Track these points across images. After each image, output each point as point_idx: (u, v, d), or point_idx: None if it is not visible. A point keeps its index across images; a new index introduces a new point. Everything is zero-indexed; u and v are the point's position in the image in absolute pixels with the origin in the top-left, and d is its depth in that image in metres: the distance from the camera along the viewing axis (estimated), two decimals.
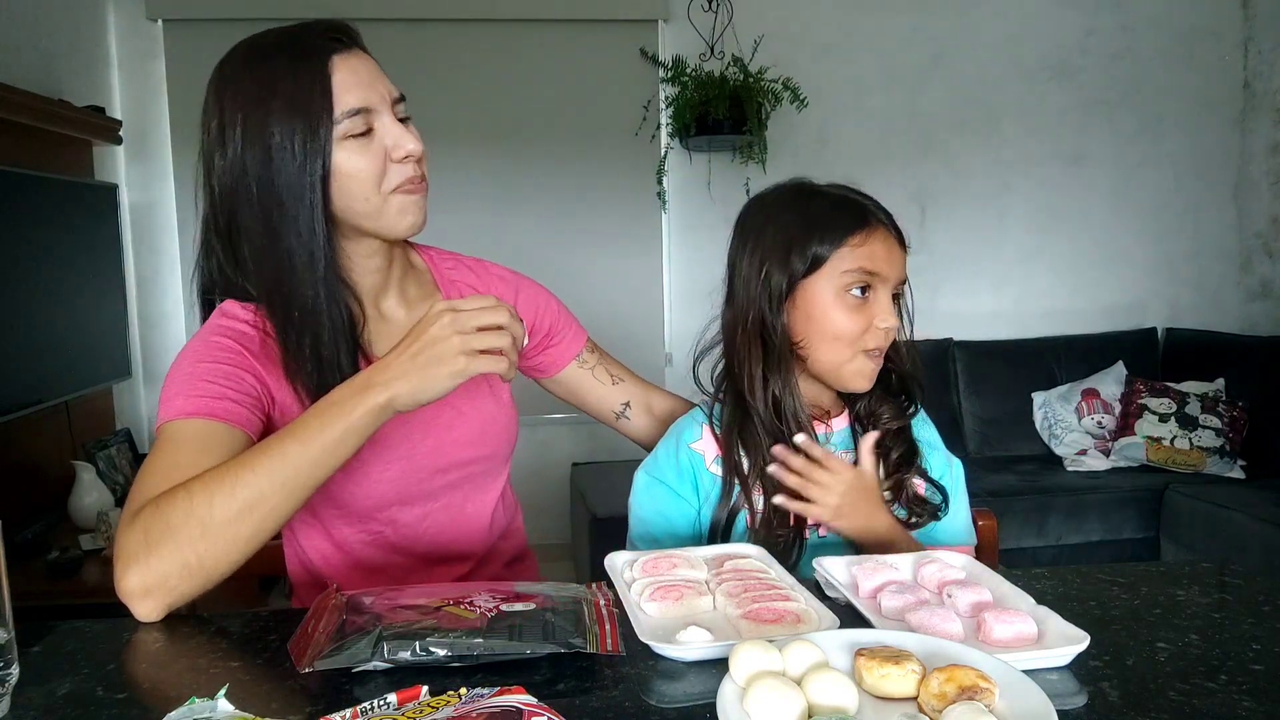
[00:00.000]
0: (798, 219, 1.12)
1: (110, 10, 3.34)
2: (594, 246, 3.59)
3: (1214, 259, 3.96)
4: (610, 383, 1.29)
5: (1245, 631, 0.81)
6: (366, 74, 0.99)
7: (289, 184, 0.95)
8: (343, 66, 0.97)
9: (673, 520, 1.16)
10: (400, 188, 1.00)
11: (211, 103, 0.99)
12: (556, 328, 1.25)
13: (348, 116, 0.96)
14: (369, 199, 0.99)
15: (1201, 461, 3.27)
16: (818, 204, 1.13)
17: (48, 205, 2.60)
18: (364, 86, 0.97)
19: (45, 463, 2.70)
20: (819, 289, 1.10)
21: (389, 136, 0.99)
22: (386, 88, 1.00)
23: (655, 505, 1.17)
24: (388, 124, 0.99)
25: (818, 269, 1.10)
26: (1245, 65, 3.90)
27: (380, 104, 0.98)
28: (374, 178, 0.98)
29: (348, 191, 0.98)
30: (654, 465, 1.19)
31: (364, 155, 0.98)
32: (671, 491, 1.16)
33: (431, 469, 1.11)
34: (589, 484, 3.15)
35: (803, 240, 1.10)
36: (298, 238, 0.97)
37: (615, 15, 3.58)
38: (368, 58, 1.01)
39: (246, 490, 0.84)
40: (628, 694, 0.70)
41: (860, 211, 1.12)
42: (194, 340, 1.02)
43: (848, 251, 1.09)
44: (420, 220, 1.04)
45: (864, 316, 1.10)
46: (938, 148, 3.80)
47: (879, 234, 1.10)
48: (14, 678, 0.71)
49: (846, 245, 1.10)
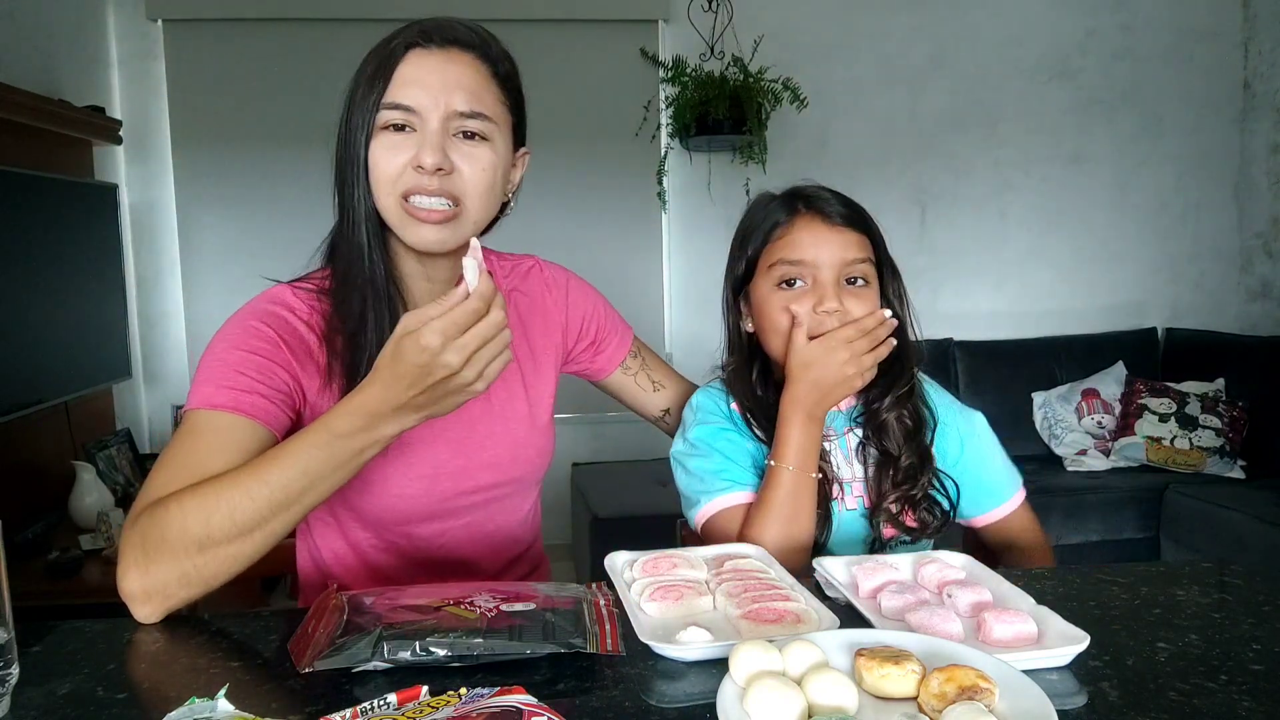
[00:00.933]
0: (740, 227, 1.20)
1: (110, 10, 3.34)
2: (594, 246, 3.59)
3: (1214, 259, 3.96)
4: (652, 389, 1.29)
5: (1245, 631, 0.81)
6: (436, 75, 0.96)
7: (345, 156, 0.98)
8: (413, 61, 0.96)
9: (736, 453, 1.17)
10: (410, 194, 0.96)
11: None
12: (604, 333, 1.24)
13: (387, 107, 0.95)
14: (386, 196, 0.97)
15: (1201, 461, 3.27)
16: (755, 206, 1.18)
17: (48, 205, 2.60)
18: (420, 86, 0.95)
19: (45, 463, 2.70)
20: (758, 289, 1.16)
21: (420, 142, 0.96)
22: (452, 97, 0.96)
23: (717, 441, 1.18)
24: (428, 131, 0.95)
25: (754, 271, 1.16)
26: (1245, 65, 3.89)
27: (431, 109, 0.95)
28: (391, 176, 0.96)
29: (374, 183, 0.97)
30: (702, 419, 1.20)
31: (391, 150, 0.96)
32: (734, 432, 1.18)
33: (455, 490, 1.09)
34: (590, 484, 3.15)
35: (739, 246, 1.18)
36: (353, 212, 0.99)
37: (615, 15, 3.58)
38: (463, 64, 0.97)
39: (244, 516, 0.83)
40: (628, 694, 0.70)
41: (785, 204, 1.15)
42: (233, 322, 1.00)
43: (771, 247, 1.13)
44: (428, 241, 0.98)
45: (802, 306, 1.10)
46: (938, 148, 3.80)
47: (802, 221, 1.12)
48: (14, 678, 0.71)
49: (770, 241, 1.14)
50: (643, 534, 1.42)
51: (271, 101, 3.36)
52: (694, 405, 1.23)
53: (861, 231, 1.14)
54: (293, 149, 3.29)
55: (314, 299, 1.02)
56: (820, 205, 1.13)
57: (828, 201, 1.14)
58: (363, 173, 0.97)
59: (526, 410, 1.15)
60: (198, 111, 3.38)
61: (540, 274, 1.21)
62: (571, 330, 1.22)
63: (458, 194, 0.98)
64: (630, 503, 2.94)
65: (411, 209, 0.97)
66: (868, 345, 1.08)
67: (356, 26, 3.18)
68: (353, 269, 1.00)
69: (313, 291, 1.03)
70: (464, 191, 0.98)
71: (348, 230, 1.00)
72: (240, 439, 0.91)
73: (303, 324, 1.00)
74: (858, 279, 1.13)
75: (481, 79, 0.99)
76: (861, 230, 1.14)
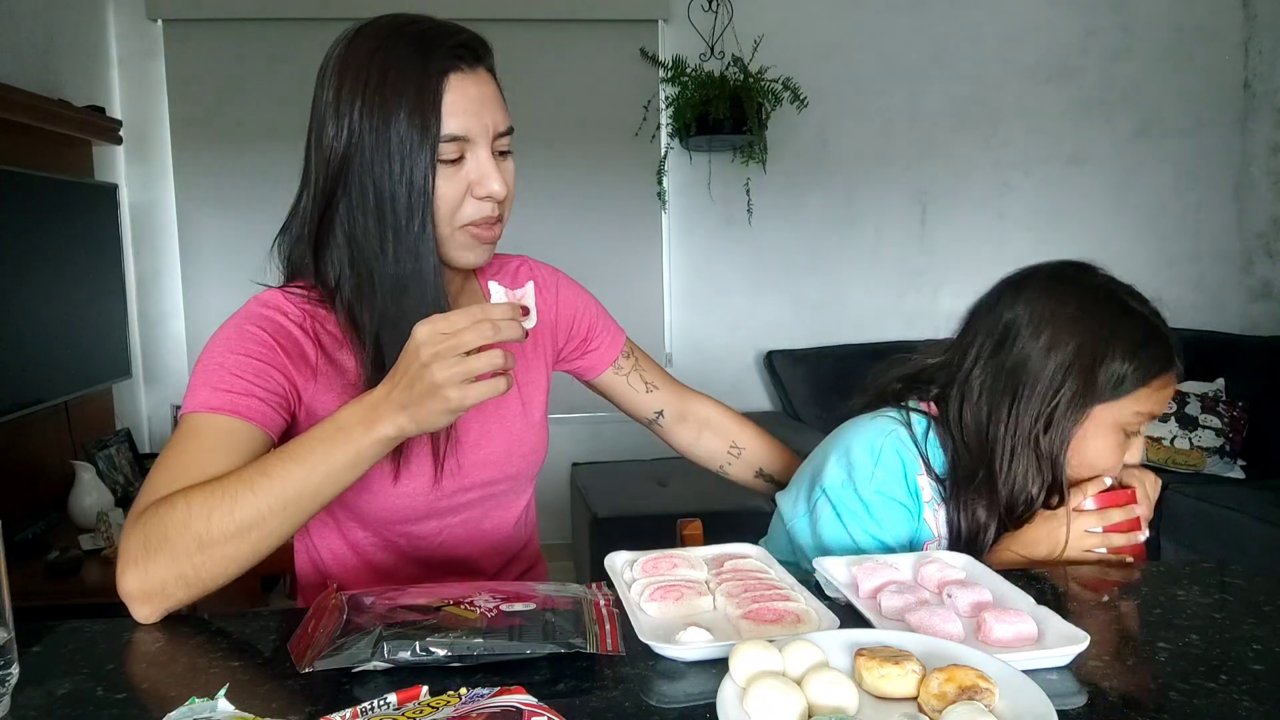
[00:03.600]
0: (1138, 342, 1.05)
1: (110, 10, 3.34)
2: (594, 246, 3.59)
3: (1214, 259, 3.96)
4: (644, 390, 1.28)
5: (1245, 631, 0.81)
6: (477, 100, 0.96)
7: (394, 187, 0.94)
8: (456, 87, 0.95)
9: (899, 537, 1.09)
10: (472, 224, 0.98)
11: (331, 74, 0.96)
12: (594, 332, 1.24)
13: (444, 141, 0.94)
14: (443, 225, 0.97)
15: (1201, 461, 3.27)
16: (1157, 337, 1.06)
17: (48, 205, 2.60)
18: (469, 114, 0.95)
19: (45, 463, 2.70)
20: (1102, 413, 1.06)
21: (476, 170, 0.96)
22: (493, 118, 0.97)
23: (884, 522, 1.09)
24: (482, 158, 0.97)
25: (1117, 398, 1.05)
26: (1245, 65, 3.89)
27: (480, 135, 0.96)
28: (451, 207, 0.97)
29: (434, 213, 0.97)
30: (881, 480, 1.09)
31: (448, 182, 0.96)
32: (906, 511, 1.09)
33: (453, 488, 1.09)
34: (590, 484, 3.15)
35: (1123, 360, 1.04)
36: (405, 247, 0.96)
37: (615, 15, 3.58)
38: (486, 81, 0.98)
39: (245, 511, 0.83)
40: (628, 694, 0.70)
41: (1169, 355, 1.06)
42: (227, 326, 1.00)
43: (1149, 393, 1.05)
44: (484, 259, 1.02)
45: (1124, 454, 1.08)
46: (938, 148, 3.80)
47: (1171, 379, 1.06)
48: (14, 678, 0.71)
49: (1149, 386, 1.05)
50: (643, 534, 1.42)
51: (271, 101, 3.36)
52: (871, 446, 1.10)
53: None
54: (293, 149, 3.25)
55: (307, 303, 1.02)
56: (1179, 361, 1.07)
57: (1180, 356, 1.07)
58: (428, 202, 0.95)
59: (520, 408, 1.15)
60: (198, 111, 3.38)
61: (530, 273, 1.21)
62: (562, 328, 1.22)
63: (503, 213, 1.02)
64: (630, 503, 2.94)
65: (474, 235, 0.99)
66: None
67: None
68: (410, 297, 0.97)
69: (304, 296, 1.03)
70: (506, 209, 1.02)
71: (401, 257, 0.96)
72: (237, 441, 0.91)
73: (296, 327, 1.01)
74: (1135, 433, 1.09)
75: (499, 92, 1.01)
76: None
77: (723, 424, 1.33)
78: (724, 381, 3.69)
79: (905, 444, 1.10)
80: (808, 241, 3.75)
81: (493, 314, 0.81)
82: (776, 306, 3.77)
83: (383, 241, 0.96)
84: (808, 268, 3.77)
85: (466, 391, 0.81)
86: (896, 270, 3.81)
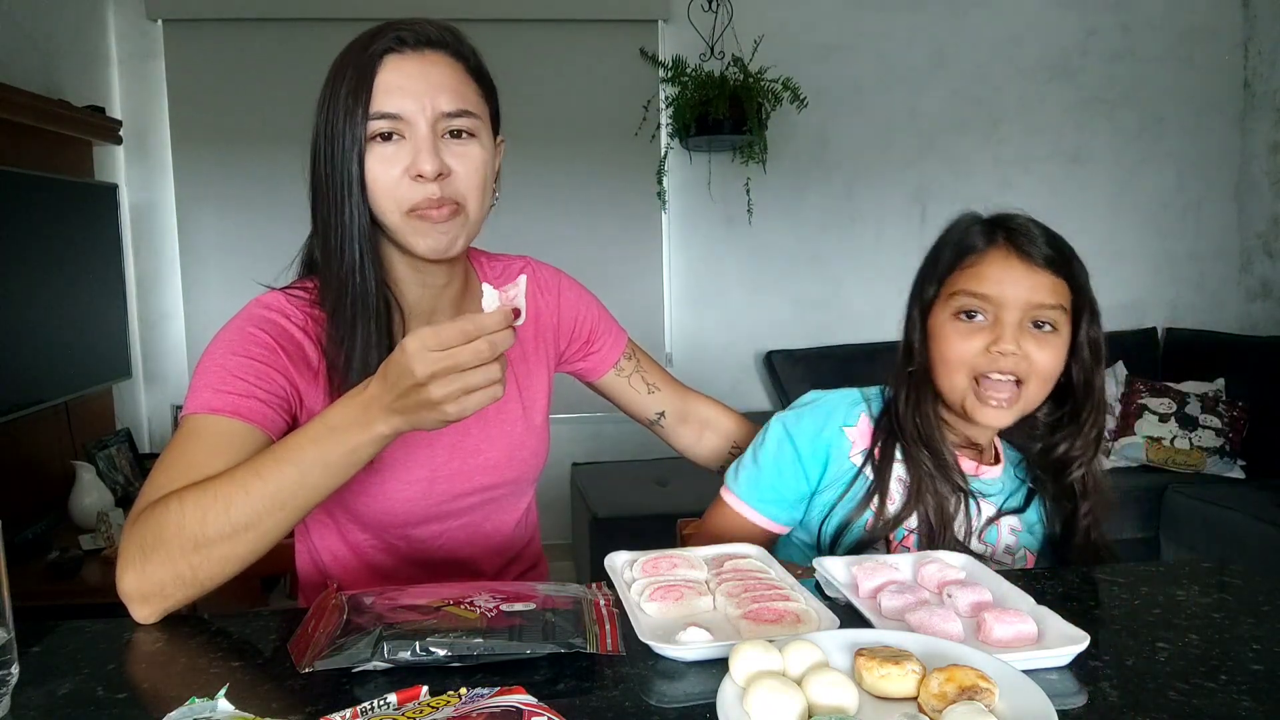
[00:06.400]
0: (936, 243, 1.14)
1: (110, 10, 3.34)
2: (594, 246, 3.59)
3: (1214, 259, 3.96)
4: (646, 391, 1.28)
5: (1245, 631, 0.81)
6: (416, 79, 0.95)
7: (334, 173, 0.96)
8: (392, 67, 0.95)
9: (783, 484, 1.13)
10: (416, 209, 0.96)
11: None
12: (596, 334, 1.24)
13: (374, 118, 0.94)
14: (390, 212, 0.97)
15: (1201, 461, 3.27)
16: (956, 225, 1.13)
17: (48, 205, 2.60)
18: (403, 92, 0.95)
19: (45, 463, 2.70)
20: (936, 313, 1.10)
21: (412, 149, 0.95)
22: (437, 98, 0.96)
23: (775, 460, 1.14)
24: (418, 136, 0.95)
25: (938, 294, 1.10)
26: (1245, 65, 3.89)
27: (417, 114, 0.95)
28: (388, 189, 0.96)
29: (373, 197, 0.97)
30: (796, 425, 1.15)
31: (386, 163, 0.95)
32: (797, 457, 1.13)
33: (453, 492, 1.09)
34: (589, 484, 3.15)
35: (930, 264, 1.13)
36: (342, 229, 0.97)
37: (615, 15, 3.58)
38: (436, 63, 0.97)
39: (239, 512, 0.83)
40: (628, 694, 0.70)
41: (985, 230, 1.09)
42: (229, 328, 1.00)
43: (959, 274, 1.08)
44: (443, 245, 0.99)
45: (976, 341, 1.05)
46: (938, 148, 3.80)
47: (997, 254, 1.06)
48: (14, 678, 0.71)
49: (959, 268, 1.08)
50: (643, 534, 1.42)
51: (271, 101, 3.35)
52: (823, 400, 1.16)
53: (1061, 275, 1.06)
54: (293, 149, 3.23)
55: (307, 305, 1.02)
56: (1021, 240, 1.06)
57: (1032, 238, 1.06)
58: (356, 188, 0.96)
59: (521, 412, 1.15)
60: (198, 111, 3.38)
61: (533, 275, 1.21)
62: (564, 331, 1.22)
63: (459, 198, 0.98)
64: (630, 503, 2.94)
65: (420, 218, 0.97)
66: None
67: (357, 27, 3.16)
68: (344, 285, 0.98)
69: (305, 299, 1.03)
70: (464, 194, 0.98)
71: (336, 245, 0.98)
72: (238, 443, 0.91)
73: (298, 329, 1.01)
74: (1045, 324, 1.05)
75: (459, 76, 0.99)
76: (1062, 274, 1.06)
77: (724, 424, 1.33)
78: (724, 381, 3.69)
79: (854, 402, 1.16)
80: (808, 241, 3.75)
81: (486, 328, 0.79)
82: (776, 306, 3.77)
83: (327, 230, 0.98)
84: (807, 267, 3.77)
85: (465, 404, 0.81)
86: (896, 270, 3.78)
